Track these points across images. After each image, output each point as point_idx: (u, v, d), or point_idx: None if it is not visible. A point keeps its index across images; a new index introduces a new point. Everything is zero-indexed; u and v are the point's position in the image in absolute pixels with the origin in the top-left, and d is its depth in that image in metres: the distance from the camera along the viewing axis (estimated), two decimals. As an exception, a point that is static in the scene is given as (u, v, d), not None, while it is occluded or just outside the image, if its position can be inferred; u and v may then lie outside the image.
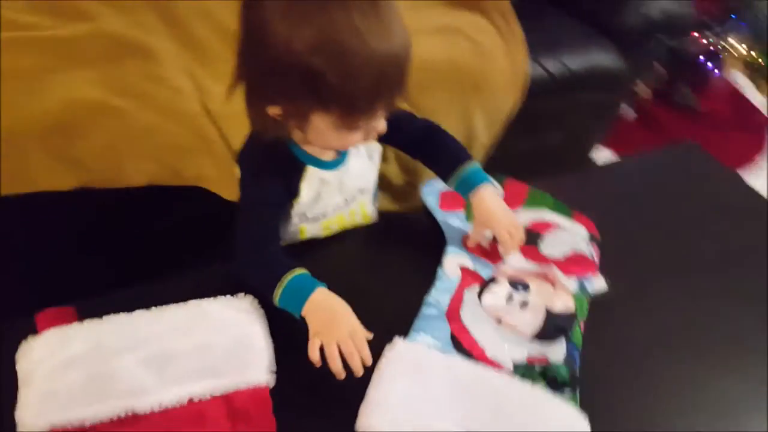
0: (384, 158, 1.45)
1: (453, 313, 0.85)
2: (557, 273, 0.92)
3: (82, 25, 1.27)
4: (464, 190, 0.94)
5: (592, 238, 1.00)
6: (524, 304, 0.87)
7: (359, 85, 0.69)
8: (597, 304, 0.90)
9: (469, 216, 0.99)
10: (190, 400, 0.69)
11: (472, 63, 1.49)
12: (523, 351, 0.81)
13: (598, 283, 0.93)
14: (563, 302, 0.88)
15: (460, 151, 0.97)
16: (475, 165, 0.95)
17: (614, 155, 2.21)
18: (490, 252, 0.96)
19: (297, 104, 0.73)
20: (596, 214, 1.03)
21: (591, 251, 0.97)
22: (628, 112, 2.46)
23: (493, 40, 1.57)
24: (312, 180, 0.87)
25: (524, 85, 1.55)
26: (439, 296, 0.87)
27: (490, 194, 0.92)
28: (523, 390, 0.75)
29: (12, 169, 1.07)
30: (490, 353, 0.80)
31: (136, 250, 1.26)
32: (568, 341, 0.83)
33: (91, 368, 0.68)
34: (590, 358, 0.82)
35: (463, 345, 0.81)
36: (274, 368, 0.75)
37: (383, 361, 0.75)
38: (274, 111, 0.75)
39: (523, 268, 0.94)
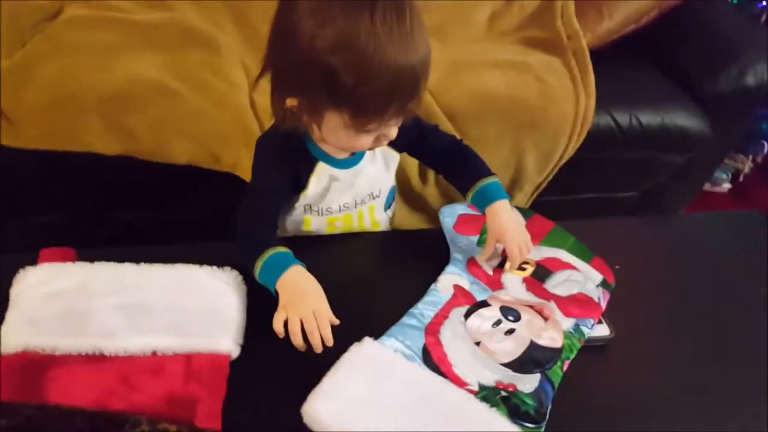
0: (425, 180, 1.48)
1: (433, 328, 0.84)
2: (554, 309, 0.89)
3: (162, 13, 1.39)
4: (481, 203, 0.94)
5: (606, 285, 0.96)
6: (510, 333, 0.85)
7: (372, 89, 0.71)
8: (595, 348, 0.87)
9: (481, 241, 0.98)
10: (154, 352, 0.73)
11: (533, 101, 1.48)
12: (493, 375, 0.79)
13: (599, 329, 0.90)
14: (550, 337, 0.85)
15: (482, 167, 0.97)
16: (495, 181, 0.95)
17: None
18: (493, 279, 0.94)
19: (312, 99, 0.76)
20: (624, 262, 1.00)
21: (600, 296, 0.94)
22: (723, 184, 2.34)
23: (562, 83, 1.55)
24: (321, 175, 0.90)
25: (584, 131, 1.52)
26: (424, 309, 0.86)
27: (506, 209, 0.92)
28: (480, 410, 0.74)
29: (68, 128, 1.18)
30: (458, 370, 0.79)
31: (157, 224, 1.34)
32: (543, 376, 0.80)
33: (71, 304, 0.74)
34: (569, 399, 0.79)
35: (432, 358, 0.80)
36: (241, 341, 0.77)
37: (345, 356, 0.75)
38: (291, 103, 0.79)
39: (520, 298, 0.92)
